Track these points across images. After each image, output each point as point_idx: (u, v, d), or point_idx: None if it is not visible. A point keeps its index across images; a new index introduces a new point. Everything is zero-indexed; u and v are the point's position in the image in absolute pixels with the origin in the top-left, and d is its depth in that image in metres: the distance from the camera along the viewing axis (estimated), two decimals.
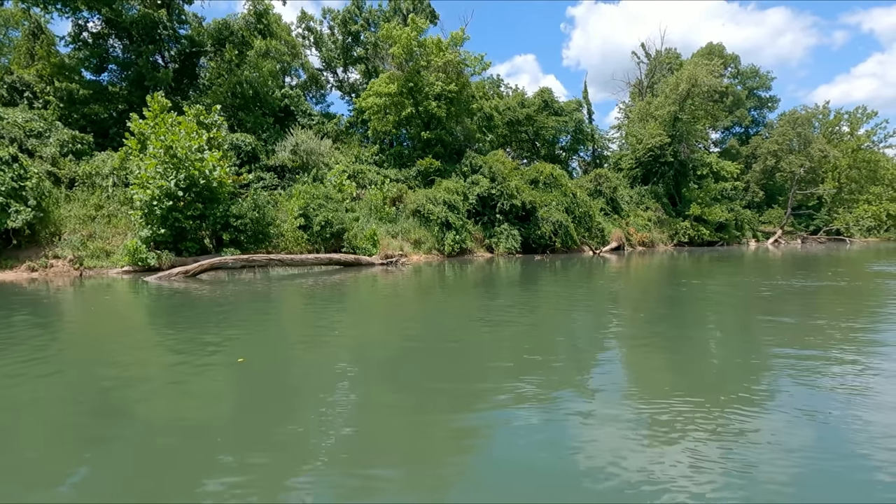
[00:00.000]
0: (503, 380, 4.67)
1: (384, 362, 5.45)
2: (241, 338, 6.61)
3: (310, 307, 9.77)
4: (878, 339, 6.23)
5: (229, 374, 4.95)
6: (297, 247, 19.11)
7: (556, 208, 28.52)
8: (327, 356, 5.70)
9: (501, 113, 42.54)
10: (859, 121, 62.14)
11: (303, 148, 23.06)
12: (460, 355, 5.74)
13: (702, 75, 40.18)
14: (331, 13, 40.07)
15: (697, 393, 4.28)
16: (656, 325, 7.61)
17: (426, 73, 28.75)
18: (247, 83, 24.47)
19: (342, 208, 21.47)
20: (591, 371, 5.05)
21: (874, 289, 11.71)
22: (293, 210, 19.48)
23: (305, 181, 22.30)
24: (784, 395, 4.18)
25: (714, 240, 42.62)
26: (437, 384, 4.60)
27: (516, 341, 6.45)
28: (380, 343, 6.57)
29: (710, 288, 12.55)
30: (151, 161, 15.87)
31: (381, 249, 19.28)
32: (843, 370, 4.86)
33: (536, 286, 13.47)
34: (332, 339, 6.67)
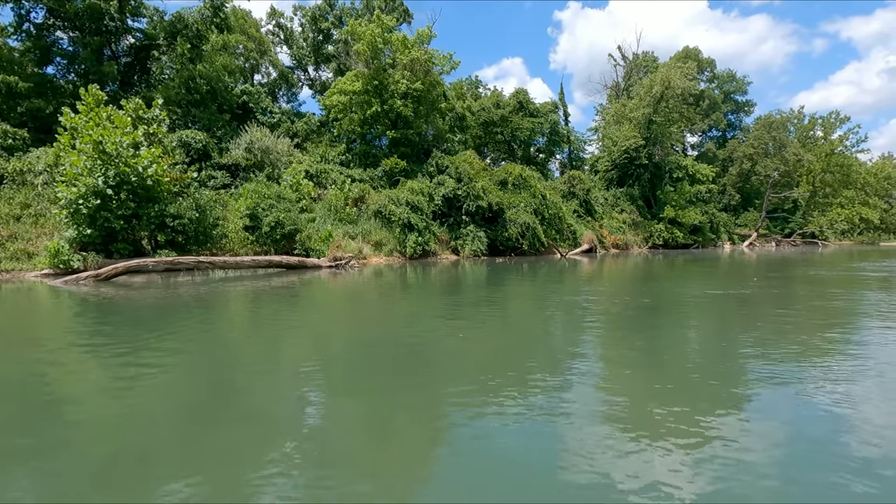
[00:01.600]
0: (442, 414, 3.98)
1: (302, 381, 4.71)
2: (129, 353, 5.80)
3: (218, 317, 8.96)
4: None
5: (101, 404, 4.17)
6: (242, 248, 18.22)
7: (525, 210, 27.98)
8: (229, 379, 4.94)
9: (475, 113, 42.04)
10: (833, 125, 62.87)
11: (257, 146, 22.16)
12: (386, 372, 5.02)
13: (675, 78, 40.11)
14: (301, 10, 39.19)
15: (668, 396, 4.18)
16: (621, 341, 6.98)
17: (393, 72, 28.05)
18: (201, 78, 23.48)
19: (296, 209, 20.62)
20: (551, 382, 4.40)
21: (781, 297, 11.27)
22: (240, 210, 18.58)
23: (259, 180, 21.39)
24: (762, 401, 4.09)
25: (688, 242, 42.54)
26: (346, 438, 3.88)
27: (460, 361, 5.76)
28: (296, 357, 5.82)
29: (666, 293, 12.02)
30: (78, 157, 14.89)
31: (329, 251, 18.47)
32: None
33: (486, 293, 12.81)
34: (238, 357, 5.90)
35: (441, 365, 5.45)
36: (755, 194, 60.13)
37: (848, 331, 6.95)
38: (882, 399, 4.09)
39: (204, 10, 23.92)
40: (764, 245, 51.94)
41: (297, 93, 41.53)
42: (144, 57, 24.20)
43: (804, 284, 13.43)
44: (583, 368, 5.19)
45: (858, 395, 4.15)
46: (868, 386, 4.38)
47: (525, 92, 44.04)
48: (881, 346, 5.96)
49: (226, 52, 25.57)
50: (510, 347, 6.43)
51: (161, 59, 24.48)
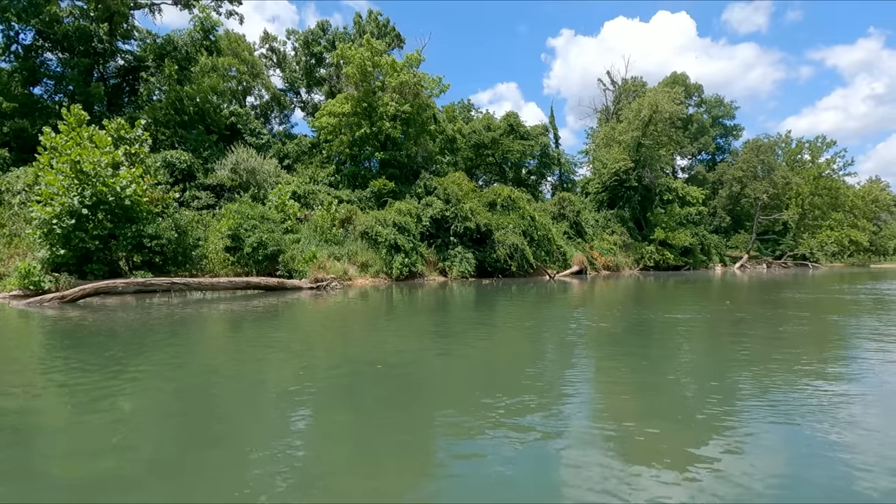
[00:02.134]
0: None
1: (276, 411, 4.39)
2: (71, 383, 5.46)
3: (190, 343, 8.61)
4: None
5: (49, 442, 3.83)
6: (222, 269, 17.90)
7: (513, 231, 27.88)
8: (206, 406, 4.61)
9: (466, 136, 42.41)
10: (819, 150, 64.01)
11: (243, 167, 22.07)
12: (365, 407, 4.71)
13: (663, 102, 40.77)
14: (294, 34, 39.78)
15: (665, 420, 4.15)
16: (612, 367, 6.69)
17: (382, 94, 28.30)
18: (188, 99, 23.55)
19: (279, 229, 20.40)
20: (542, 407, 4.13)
21: (748, 320, 11.07)
22: (221, 230, 18.32)
23: (244, 201, 21.21)
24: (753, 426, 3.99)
25: (679, 264, 42.50)
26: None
27: (447, 384, 5.49)
28: (271, 384, 5.49)
29: (651, 316, 11.78)
30: (55, 176, 14.68)
31: (311, 272, 18.17)
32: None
33: (471, 315, 12.53)
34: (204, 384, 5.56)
35: (429, 389, 5.34)
36: (745, 216, 60.61)
37: (827, 362, 6.73)
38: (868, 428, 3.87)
39: (194, 33, 24.19)
40: (755, 267, 52.03)
41: (290, 115, 41.85)
42: (133, 78, 24.31)
43: (789, 308, 13.25)
44: (572, 391, 5.12)
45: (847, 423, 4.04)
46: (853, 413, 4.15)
47: (516, 115, 44.60)
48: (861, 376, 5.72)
49: (215, 73, 25.69)
50: (497, 370, 6.26)
51: (149, 80, 24.59)
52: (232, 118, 27.31)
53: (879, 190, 73.87)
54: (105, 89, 23.37)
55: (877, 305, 13.65)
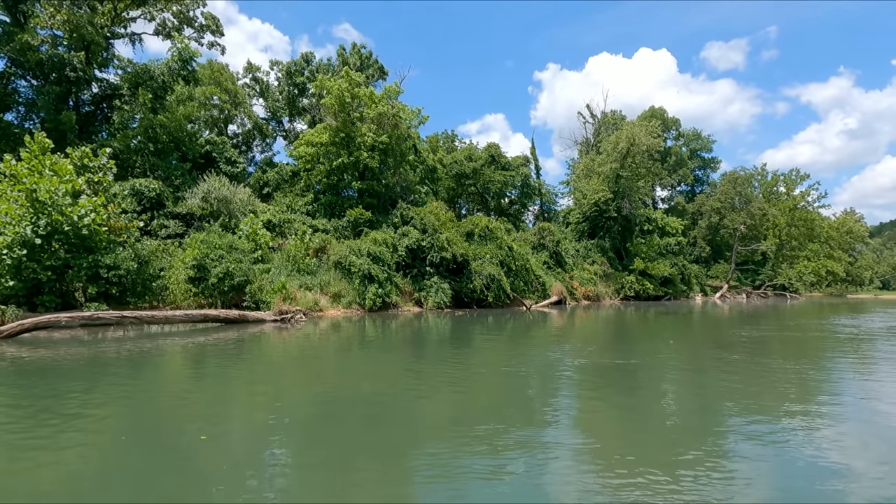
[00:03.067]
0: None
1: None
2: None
3: (138, 381, 8.13)
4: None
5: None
6: (184, 301, 17.38)
7: (490, 261, 27.77)
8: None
9: (448, 166, 42.80)
10: (794, 182, 65.74)
11: (214, 196, 21.80)
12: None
13: (640, 135, 41.70)
14: (278, 64, 40.31)
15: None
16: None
17: (360, 125, 28.51)
18: (161, 128, 23.43)
19: (248, 259, 20.01)
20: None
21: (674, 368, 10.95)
22: (185, 260, 17.89)
23: (213, 230, 20.86)
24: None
25: (659, 294, 42.60)
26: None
27: (421, 421, 5.13)
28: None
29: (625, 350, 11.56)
30: (9, 205, 14.27)
31: (275, 304, 17.74)
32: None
33: (440, 354, 12.18)
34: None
35: (402, 426, 5.26)
36: (725, 247, 61.46)
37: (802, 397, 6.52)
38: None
39: (172, 63, 24.29)
40: (735, 297, 52.41)
41: (272, 143, 41.94)
42: (107, 106, 24.20)
43: (733, 351, 13.15)
44: (547, 426, 5.15)
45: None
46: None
47: (497, 146, 45.22)
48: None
49: (191, 102, 25.68)
50: (469, 406, 6.16)
51: (123, 108, 24.48)
52: (207, 146, 27.20)
53: (854, 221, 75.75)
54: (78, 117, 23.16)
55: (829, 346, 13.62)
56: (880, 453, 4.56)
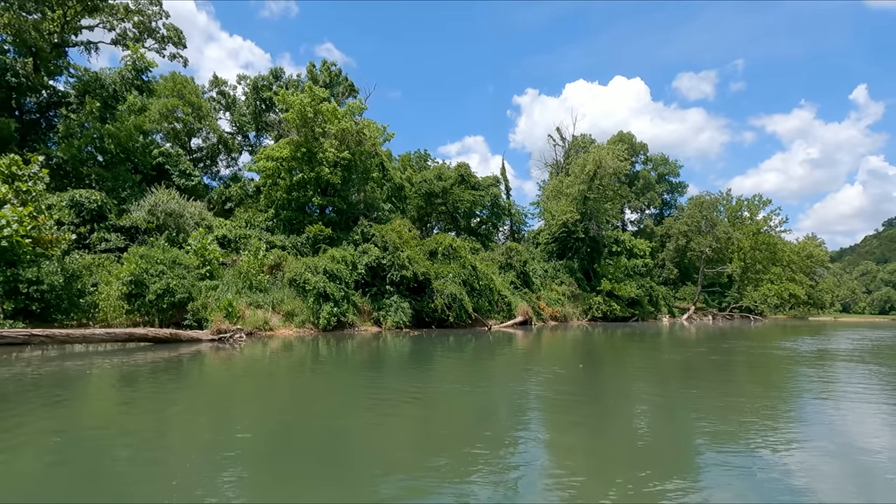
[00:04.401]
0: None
1: None
2: None
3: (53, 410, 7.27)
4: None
5: None
6: (117, 319, 16.34)
7: (453, 281, 27.32)
8: None
9: (417, 185, 42.61)
10: (757, 207, 67.75)
11: (161, 209, 20.88)
12: None
13: (607, 158, 42.41)
14: (245, 79, 39.82)
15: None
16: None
17: (323, 140, 28.09)
18: (109, 138, 22.51)
19: (192, 275, 19.09)
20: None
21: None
22: (120, 276, 16.89)
23: (158, 244, 19.90)
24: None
25: (626, 315, 42.75)
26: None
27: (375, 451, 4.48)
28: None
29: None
30: None
31: (213, 323, 16.84)
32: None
33: (387, 381, 11.55)
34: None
35: (355, 457, 4.95)
36: (693, 269, 62.53)
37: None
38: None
39: (125, 72, 23.51)
40: (701, 318, 53.10)
41: (237, 158, 41.11)
42: (54, 114, 23.19)
43: (638, 378, 12.97)
44: (506, 453, 5.00)
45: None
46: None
47: (467, 166, 45.37)
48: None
49: (144, 113, 24.87)
50: (426, 440, 5.75)
51: (69, 116, 23.48)
52: (160, 158, 26.28)
53: (815, 246, 78.36)
54: (21, 124, 22.08)
55: (761, 371, 13.54)
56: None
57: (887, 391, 9.01)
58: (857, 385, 9.64)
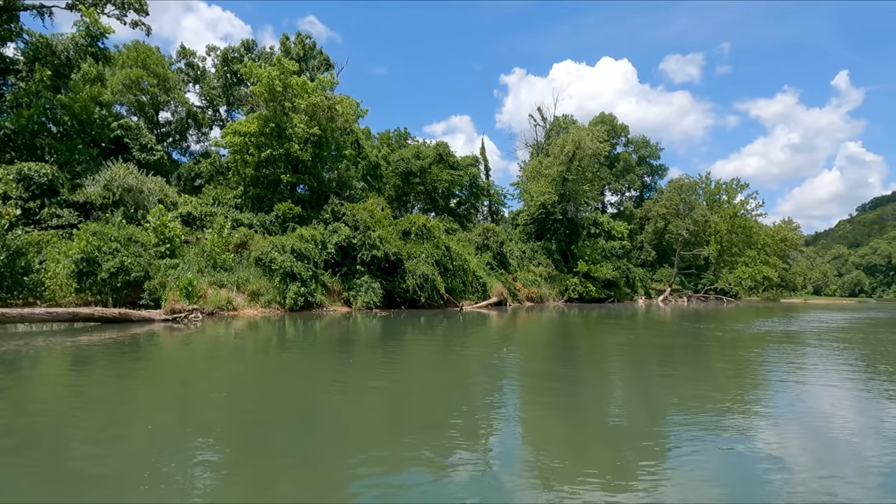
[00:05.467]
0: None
1: None
2: None
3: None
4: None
5: None
6: (66, 298, 15.73)
7: (426, 261, 27.03)
8: None
9: (394, 164, 41.88)
10: (735, 191, 68.50)
11: (117, 184, 20.02)
12: None
13: (586, 139, 42.12)
14: (215, 50, 38.25)
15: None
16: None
17: (293, 115, 27.20)
18: (63, 109, 21.37)
19: (149, 253, 18.45)
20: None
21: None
22: (70, 253, 16.19)
23: (114, 221, 19.13)
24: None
25: (602, 296, 43.14)
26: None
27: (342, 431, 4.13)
28: None
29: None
30: None
31: (167, 302, 16.35)
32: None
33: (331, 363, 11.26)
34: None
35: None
36: (671, 251, 63.26)
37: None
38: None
39: (78, 39, 22.19)
40: (677, 300, 53.97)
41: (208, 133, 39.77)
42: (1, 82, 21.87)
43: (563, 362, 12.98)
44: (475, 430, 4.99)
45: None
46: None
47: (445, 144, 44.68)
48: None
49: (100, 83, 23.65)
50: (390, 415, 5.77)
51: (19, 85, 22.15)
52: (119, 131, 25.12)
53: (789, 230, 79.89)
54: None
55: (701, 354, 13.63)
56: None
57: (830, 368, 9.08)
58: (805, 363, 9.70)
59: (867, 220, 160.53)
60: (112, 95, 31.82)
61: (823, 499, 3.47)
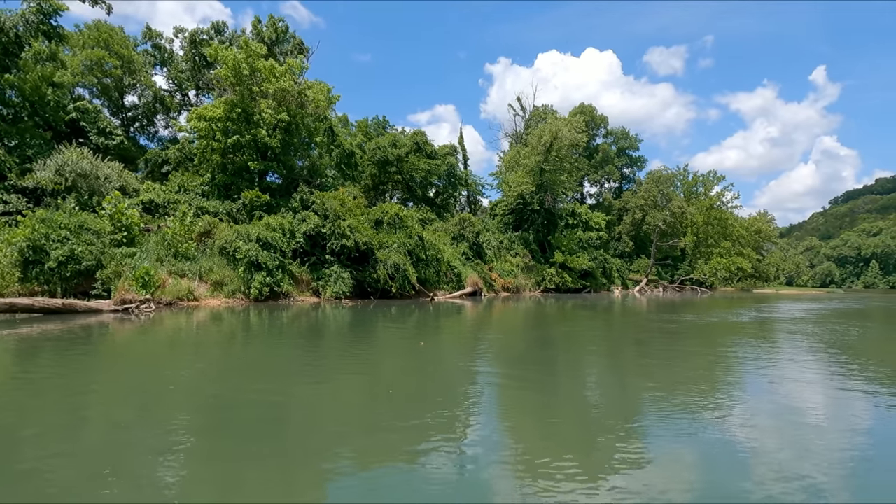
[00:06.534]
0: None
1: None
2: None
3: None
4: None
5: None
6: (9, 288, 15.00)
7: (398, 251, 26.66)
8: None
9: (370, 152, 41.21)
10: (711, 183, 69.45)
11: (70, 168, 19.15)
12: None
13: (564, 130, 41.97)
14: (182, 32, 36.91)
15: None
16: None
17: (262, 101, 26.40)
18: (11, 89, 20.29)
19: (103, 241, 17.73)
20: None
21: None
22: (13, 241, 15.43)
23: (66, 207, 18.32)
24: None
25: (578, 287, 43.37)
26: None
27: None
28: None
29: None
30: None
31: (117, 293, 15.75)
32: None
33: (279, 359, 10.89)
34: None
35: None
36: (649, 242, 63.94)
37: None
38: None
39: (28, 14, 20.98)
40: (652, 290, 54.63)
41: (177, 117, 38.49)
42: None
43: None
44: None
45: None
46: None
47: (423, 133, 44.10)
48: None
49: (54, 63, 22.51)
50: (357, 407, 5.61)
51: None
52: (75, 114, 24.02)
53: (764, 222, 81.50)
54: None
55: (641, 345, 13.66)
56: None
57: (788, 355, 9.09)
58: (766, 351, 9.71)
59: (839, 212, 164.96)
60: (73, 77, 30.47)
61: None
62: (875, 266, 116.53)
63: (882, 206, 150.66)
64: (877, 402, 6.05)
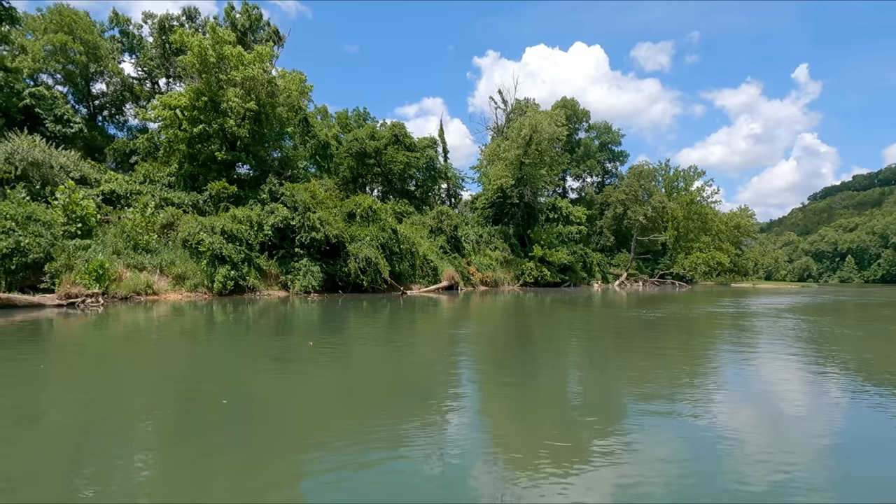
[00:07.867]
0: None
1: None
2: None
3: None
4: None
5: None
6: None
7: (370, 244, 26.20)
8: None
9: (347, 143, 40.54)
10: (692, 178, 70.01)
11: (20, 157, 18.31)
12: None
13: (543, 123, 41.72)
14: (151, 17, 35.73)
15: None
16: None
17: (231, 89, 25.60)
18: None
19: (53, 233, 16.99)
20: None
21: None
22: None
23: (14, 198, 17.51)
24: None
25: (557, 281, 43.34)
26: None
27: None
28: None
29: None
30: None
31: (61, 286, 15.11)
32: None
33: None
34: None
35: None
36: (630, 236, 64.29)
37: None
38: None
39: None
40: (632, 284, 54.94)
41: (146, 106, 37.33)
42: None
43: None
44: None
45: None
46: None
47: (402, 125, 43.51)
48: None
49: (6, 46, 21.46)
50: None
51: None
52: (29, 100, 23.04)
53: (743, 217, 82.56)
54: None
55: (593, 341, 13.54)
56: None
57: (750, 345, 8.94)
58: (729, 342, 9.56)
59: (818, 208, 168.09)
60: (34, 62, 29.29)
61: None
62: (850, 261, 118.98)
63: (858, 203, 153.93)
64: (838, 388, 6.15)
